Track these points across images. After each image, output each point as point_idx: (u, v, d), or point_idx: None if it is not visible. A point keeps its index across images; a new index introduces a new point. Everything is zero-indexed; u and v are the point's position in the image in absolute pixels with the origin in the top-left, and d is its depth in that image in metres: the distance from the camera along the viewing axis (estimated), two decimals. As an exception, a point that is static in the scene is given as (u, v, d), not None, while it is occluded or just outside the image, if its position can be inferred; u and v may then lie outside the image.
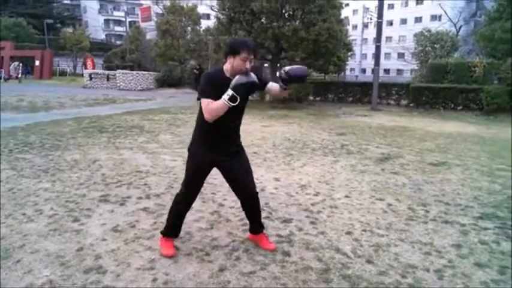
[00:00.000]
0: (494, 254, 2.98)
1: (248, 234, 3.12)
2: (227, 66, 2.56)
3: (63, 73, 34.95)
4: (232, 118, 2.58)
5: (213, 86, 2.48)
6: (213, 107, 2.43)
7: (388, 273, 2.64)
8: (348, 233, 3.32)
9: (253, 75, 2.44)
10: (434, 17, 44.48)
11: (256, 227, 3.02)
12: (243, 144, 2.89)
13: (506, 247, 3.11)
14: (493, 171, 5.62)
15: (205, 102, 2.47)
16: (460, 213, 3.87)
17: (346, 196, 4.33)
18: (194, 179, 2.80)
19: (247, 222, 3.42)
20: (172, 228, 2.93)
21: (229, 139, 2.73)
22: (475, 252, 3.00)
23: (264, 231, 3.07)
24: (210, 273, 2.60)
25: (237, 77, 2.40)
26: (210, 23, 25.37)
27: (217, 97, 2.42)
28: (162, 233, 2.94)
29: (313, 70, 32.66)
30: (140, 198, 4.08)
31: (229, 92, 2.36)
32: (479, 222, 3.64)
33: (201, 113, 2.58)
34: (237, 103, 2.39)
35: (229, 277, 2.55)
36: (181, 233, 3.19)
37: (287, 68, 2.60)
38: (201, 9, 28.85)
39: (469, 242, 3.19)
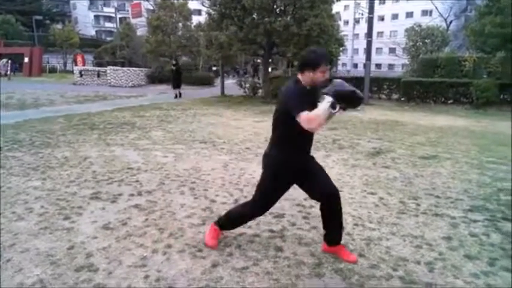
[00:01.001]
0: (483, 246, 3.01)
1: (323, 244, 2.91)
2: (305, 79, 2.52)
3: (53, 70, 34.50)
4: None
5: (304, 99, 2.43)
6: (315, 116, 2.33)
7: (379, 267, 2.66)
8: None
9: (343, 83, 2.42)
10: (425, 12, 44.68)
11: (334, 236, 2.82)
12: (234, 139, 2.87)
13: (495, 239, 3.15)
14: (482, 164, 5.68)
15: (304, 114, 2.36)
16: (450, 206, 3.91)
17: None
18: (272, 199, 2.80)
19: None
20: (231, 226, 2.99)
21: (309, 146, 2.75)
22: (465, 245, 3.03)
23: (256, 226, 3.05)
24: (202, 269, 2.59)
25: (336, 83, 2.39)
26: (201, 18, 25.23)
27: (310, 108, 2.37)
28: (219, 225, 2.97)
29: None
30: (132, 195, 4.05)
31: (329, 98, 2.31)
32: (469, 214, 3.68)
33: (282, 126, 2.60)
34: (337, 109, 2.34)
35: (222, 273, 2.55)
36: (174, 229, 3.20)
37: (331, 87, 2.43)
38: (192, 5, 28.62)
39: (459, 234, 3.23)
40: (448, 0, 37.77)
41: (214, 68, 29.50)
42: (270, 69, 19.34)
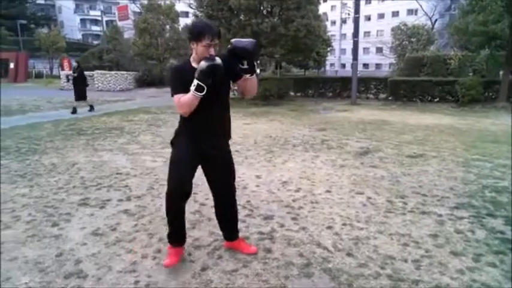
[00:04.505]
0: (469, 243, 3.07)
1: (224, 242, 2.97)
2: (193, 55, 2.47)
3: (39, 75, 34.09)
4: (210, 108, 2.45)
5: (181, 80, 2.42)
6: (184, 101, 2.39)
7: (367, 265, 2.70)
8: (329, 227, 3.37)
9: (218, 60, 2.31)
10: (410, 11, 45.16)
11: (231, 233, 2.89)
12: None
13: (480, 235, 3.21)
14: (468, 161, 5.77)
15: (177, 98, 2.43)
16: (436, 203, 3.97)
17: (327, 191, 4.38)
18: (179, 171, 2.55)
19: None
20: (173, 233, 2.71)
21: (212, 131, 2.59)
22: (451, 241, 3.09)
23: (246, 229, 3.07)
24: (192, 272, 2.61)
25: (200, 63, 2.32)
26: (189, 20, 25.18)
27: (187, 90, 2.36)
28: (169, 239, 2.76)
29: (294, 66, 32.80)
30: (121, 200, 4.04)
31: (194, 82, 2.30)
32: (455, 212, 3.74)
33: None
34: (204, 92, 2.32)
35: (211, 276, 2.57)
36: (164, 234, 3.18)
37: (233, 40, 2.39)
38: (179, 7, 28.59)
39: (445, 231, 3.28)
40: (433, -1, 38.32)
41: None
42: (258, 71, 19.39)
